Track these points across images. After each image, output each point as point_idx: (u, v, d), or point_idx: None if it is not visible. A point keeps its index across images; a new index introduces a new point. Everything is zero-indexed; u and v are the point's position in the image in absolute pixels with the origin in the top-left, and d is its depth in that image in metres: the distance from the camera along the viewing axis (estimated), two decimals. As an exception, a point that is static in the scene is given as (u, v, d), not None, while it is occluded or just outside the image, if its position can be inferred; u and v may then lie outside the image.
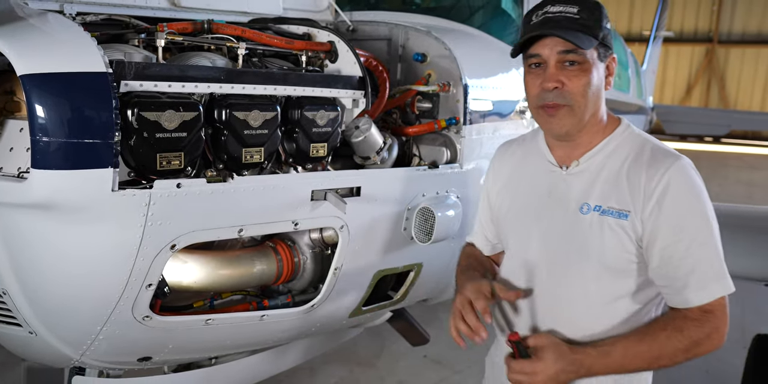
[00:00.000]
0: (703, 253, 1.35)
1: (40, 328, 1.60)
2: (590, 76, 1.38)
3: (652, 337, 1.36)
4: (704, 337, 1.35)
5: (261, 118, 1.66)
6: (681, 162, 1.38)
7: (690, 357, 1.37)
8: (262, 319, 1.92)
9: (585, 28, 1.37)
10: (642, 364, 1.36)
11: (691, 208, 1.36)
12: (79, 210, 1.39)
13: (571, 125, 1.41)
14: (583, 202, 1.43)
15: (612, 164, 1.43)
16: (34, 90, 1.28)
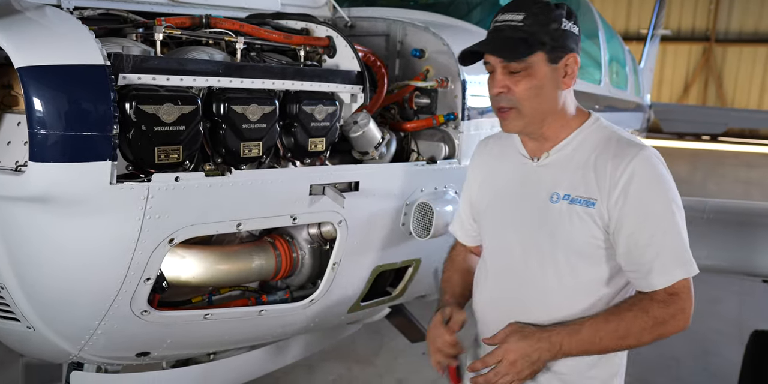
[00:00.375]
0: (667, 240, 1.43)
1: (38, 323, 1.60)
2: (534, 80, 1.46)
3: (620, 316, 1.42)
4: (669, 317, 1.41)
5: (259, 112, 1.66)
6: (645, 152, 1.45)
7: (656, 336, 1.42)
8: (261, 314, 1.92)
9: (528, 35, 1.44)
10: (610, 342, 1.42)
11: (656, 197, 1.44)
12: (77, 203, 1.38)
13: (521, 126, 1.51)
14: (553, 191, 1.51)
15: (580, 155, 1.51)
16: (32, 82, 1.27)
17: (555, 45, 1.45)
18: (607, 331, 1.41)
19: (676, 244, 1.43)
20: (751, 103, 18.80)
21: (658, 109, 9.69)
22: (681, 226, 1.44)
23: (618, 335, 1.40)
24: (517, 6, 1.47)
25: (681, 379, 4.01)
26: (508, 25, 1.45)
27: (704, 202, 3.34)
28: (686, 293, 1.43)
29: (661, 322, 1.41)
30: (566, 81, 1.50)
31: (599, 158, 1.47)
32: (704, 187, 11.05)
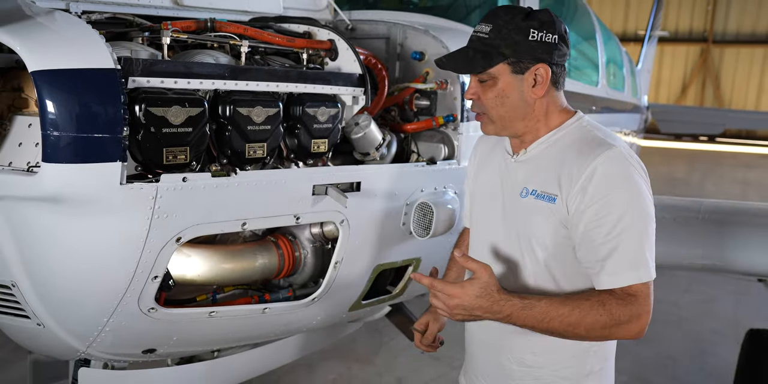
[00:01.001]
0: (621, 241, 1.41)
1: (48, 320, 1.64)
2: (498, 90, 1.53)
3: (577, 302, 1.42)
4: (625, 319, 1.40)
5: (264, 114, 1.69)
6: (611, 152, 1.45)
7: (606, 335, 1.42)
8: (265, 312, 1.96)
9: (490, 48, 1.50)
10: (559, 326, 1.41)
11: (615, 197, 1.43)
12: (88, 203, 1.42)
13: (493, 130, 1.60)
14: (523, 186, 1.58)
15: (553, 153, 1.55)
16: (45, 86, 1.31)
17: (519, 57, 1.49)
18: (560, 314, 1.40)
19: (631, 247, 1.42)
20: (749, 104, 18.88)
21: (656, 110, 9.74)
22: (640, 229, 1.43)
23: (570, 321, 1.40)
24: (488, 18, 1.52)
25: (677, 378, 4.05)
26: (477, 36, 1.52)
27: (699, 202, 3.39)
28: (643, 298, 1.42)
29: (616, 320, 1.40)
30: (535, 90, 1.52)
31: (568, 156, 1.50)
32: (702, 188, 11.10)
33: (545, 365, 1.60)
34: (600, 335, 1.42)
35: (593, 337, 1.43)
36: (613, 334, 1.42)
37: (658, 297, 1.53)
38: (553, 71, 1.53)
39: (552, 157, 1.54)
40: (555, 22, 1.51)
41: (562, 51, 1.53)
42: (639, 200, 1.44)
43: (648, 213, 1.45)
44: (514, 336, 1.59)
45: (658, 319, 4.84)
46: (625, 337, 1.44)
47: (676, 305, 5.31)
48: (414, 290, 2.54)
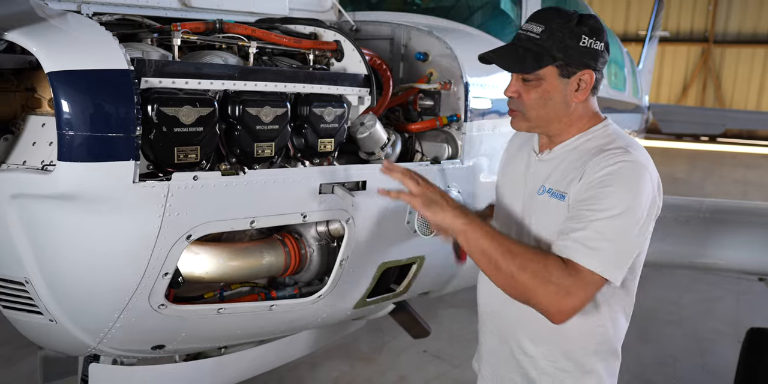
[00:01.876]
0: (595, 227, 1.42)
1: (60, 316, 1.66)
2: (543, 91, 1.55)
3: (522, 246, 1.45)
4: (555, 282, 1.39)
5: (272, 114, 1.72)
6: (628, 158, 1.47)
7: (531, 285, 1.40)
8: (272, 309, 1.99)
9: (541, 49, 1.52)
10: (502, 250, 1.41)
11: (613, 192, 1.44)
12: (102, 201, 1.45)
13: (525, 128, 1.64)
14: (542, 184, 1.62)
15: (575, 155, 1.59)
16: (61, 86, 1.34)
17: (569, 61, 1.52)
18: (509, 241, 1.44)
19: (600, 236, 1.42)
20: (750, 104, 18.88)
21: (657, 110, 9.76)
22: (619, 229, 1.43)
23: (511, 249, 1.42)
24: (540, 18, 1.54)
25: (678, 377, 4.07)
26: (528, 35, 1.53)
27: (700, 201, 3.42)
28: (582, 283, 1.41)
29: (548, 276, 1.39)
30: (578, 95, 1.56)
31: (586, 160, 1.54)
32: (702, 188, 11.11)
33: (544, 356, 1.65)
34: (524, 282, 1.40)
35: (520, 280, 1.41)
36: (536, 290, 1.40)
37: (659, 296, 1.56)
38: (596, 78, 1.56)
39: (572, 159, 1.58)
40: (602, 30, 1.55)
41: (604, 58, 1.57)
42: (635, 206, 1.45)
43: (635, 224, 1.45)
44: (517, 325, 1.66)
45: (659, 318, 4.91)
46: (545, 305, 1.41)
47: (677, 304, 5.33)
48: (417, 288, 2.57)
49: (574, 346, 1.63)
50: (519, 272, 1.40)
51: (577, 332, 1.61)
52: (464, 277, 2.71)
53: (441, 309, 4.94)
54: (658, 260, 2.99)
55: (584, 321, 1.60)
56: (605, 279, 1.43)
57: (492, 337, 1.80)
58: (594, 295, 1.46)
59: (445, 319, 4.75)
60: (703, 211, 3.27)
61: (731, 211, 3.42)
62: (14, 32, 1.41)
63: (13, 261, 1.60)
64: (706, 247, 3.15)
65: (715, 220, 3.22)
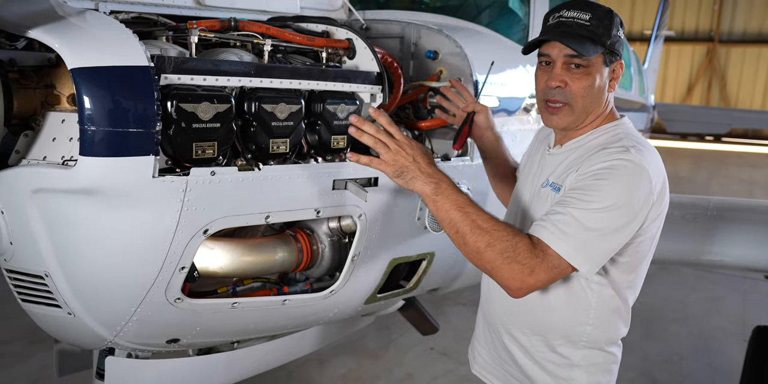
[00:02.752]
0: (573, 213, 1.43)
1: (78, 309, 1.69)
2: (592, 79, 1.54)
3: (493, 222, 1.44)
4: (520, 261, 1.40)
5: (287, 110, 1.75)
6: (625, 161, 1.46)
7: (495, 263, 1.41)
8: (285, 304, 2.01)
9: (593, 35, 1.52)
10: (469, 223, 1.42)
11: (602, 188, 1.44)
12: (122, 196, 1.47)
13: (568, 122, 1.61)
14: (546, 177, 1.66)
15: (581, 151, 1.60)
16: (84, 82, 1.36)
17: (612, 49, 1.54)
18: (479, 215, 1.43)
19: (577, 222, 1.42)
20: (755, 103, 18.84)
21: (662, 110, 9.76)
22: (600, 222, 1.42)
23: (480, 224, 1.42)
24: (583, 6, 1.54)
25: (684, 375, 4.09)
26: (576, 22, 1.52)
27: (707, 199, 3.43)
28: (548, 265, 1.40)
29: (513, 255, 1.39)
30: (612, 84, 1.59)
31: (588, 156, 1.55)
32: (708, 188, 11.11)
33: (533, 346, 1.69)
34: (491, 259, 1.41)
35: (487, 256, 1.41)
36: (501, 267, 1.40)
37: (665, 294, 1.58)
38: None
39: (577, 155, 1.60)
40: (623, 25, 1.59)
41: None
42: (623, 205, 1.43)
43: (619, 221, 1.43)
44: (508, 315, 1.71)
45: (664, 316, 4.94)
46: (506, 281, 1.43)
47: (683, 303, 5.34)
48: (427, 284, 2.59)
49: (562, 340, 1.66)
50: (486, 249, 1.41)
51: (565, 328, 1.65)
52: (472, 274, 2.73)
53: (448, 307, 4.97)
54: (666, 258, 3.01)
55: (572, 318, 1.63)
56: (573, 267, 1.43)
57: (486, 322, 1.86)
58: (557, 279, 1.46)
59: (453, 317, 4.77)
60: (711, 208, 3.28)
61: (738, 208, 3.43)
62: (36, 30, 1.43)
63: (32, 255, 1.63)
64: (713, 245, 3.16)
65: (723, 217, 3.23)
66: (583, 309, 1.62)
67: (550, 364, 1.68)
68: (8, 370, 3.83)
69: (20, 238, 1.62)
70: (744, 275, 5.95)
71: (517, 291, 1.44)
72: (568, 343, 1.65)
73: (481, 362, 1.91)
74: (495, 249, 1.40)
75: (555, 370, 1.67)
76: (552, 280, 1.44)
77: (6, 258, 1.69)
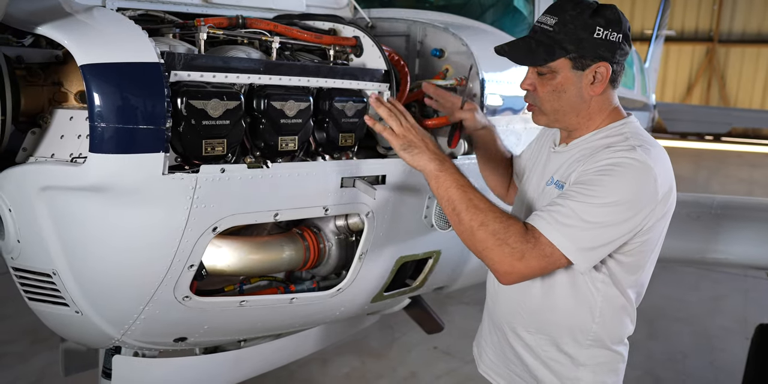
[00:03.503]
0: (571, 204, 1.42)
1: (86, 308, 1.68)
2: (556, 84, 1.55)
3: (490, 204, 1.47)
4: (511, 245, 1.41)
5: (296, 108, 1.74)
6: (630, 159, 1.45)
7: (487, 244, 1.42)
8: (292, 302, 2.01)
9: (553, 42, 1.51)
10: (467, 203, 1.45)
11: (605, 184, 1.43)
12: (132, 193, 1.47)
13: (544, 122, 1.65)
14: (551, 175, 1.66)
15: (587, 150, 1.58)
16: (94, 79, 1.35)
17: (582, 53, 1.50)
18: (476, 196, 1.46)
19: (572, 213, 1.41)
20: (754, 103, 18.86)
21: (663, 109, 9.77)
22: (597, 218, 1.41)
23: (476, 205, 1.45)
24: (554, 10, 1.53)
25: (687, 373, 4.09)
26: (541, 28, 1.54)
27: (712, 197, 3.43)
28: (539, 252, 1.41)
29: (505, 238, 1.40)
30: (594, 88, 1.55)
31: (593, 154, 1.54)
32: (708, 187, 11.12)
33: (541, 346, 1.68)
34: (482, 239, 1.43)
35: (479, 236, 1.43)
36: (492, 248, 1.42)
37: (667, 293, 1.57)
38: (614, 70, 1.54)
39: (582, 154, 1.59)
40: (621, 21, 1.52)
41: (624, 50, 1.55)
42: (625, 202, 1.42)
43: (620, 218, 1.42)
44: (513, 314, 1.71)
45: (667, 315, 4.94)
46: (496, 264, 1.43)
47: (685, 302, 5.34)
48: (433, 282, 2.59)
49: (567, 338, 1.65)
50: (479, 228, 1.43)
51: (570, 327, 1.64)
52: (477, 273, 2.72)
53: (451, 306, 4.97)
54: (671, 256, 2.99)
55: (578, 317, 1.62)
56: (566, 258, 1.42)
57: (492, 321, 1.85)
58: (549, 269, 1.45)
59: (456, 316, 4.77)
60: (715, 207, 3.28)
61: (742, 207, 3.43)
62: (45, 26, 1.43)
63: (40, 253, 1.62)
64: (717, 243, 3.16)
65: (727, 216, 3.23)
66: (588, 308, 1.61)
67: (556, 364, 1.67)
68: (10, 369, 3.82)
69: (28, 236, 1.61)
70: (746, 274, 5.96)
71: (506, 276, 1.44)
72: (574, 342, 1.64)
73: (487, 362, 1.91)
74: (487, 229, 1.42)
75: (561, 369, 1.66)
76: (543, 269, 1.44)
77: (13, 256, 1.68)
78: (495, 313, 1.83)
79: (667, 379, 3.98)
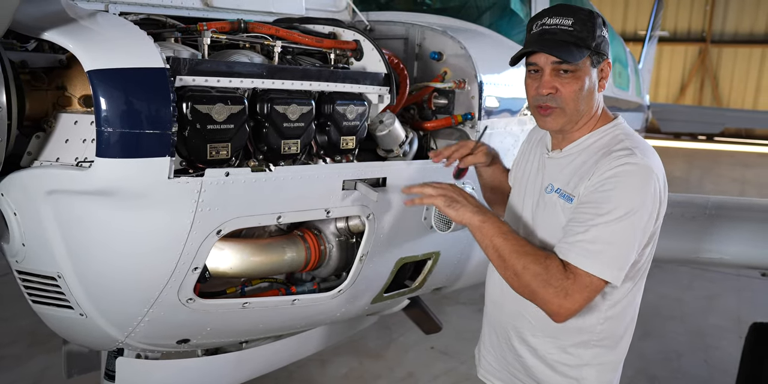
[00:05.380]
0: (596, 230, 1.46)
1: (90, 310, 1.69)
2: (582, 82, 1.57)
3: (533, 245, 1.50)
4: (554, 285, 1.44)
5: (298, 111, 1.76)
6: (634, 160, 1.48)
7: (532, 287, 1.45)
8: (294, 304, 2.02)
9: (578, 40, 1.54)
10: (509, 250, 1.48)
11: (617, 194, 1.47)
12: (138, 197, 1.48)
13: (561, 124, 1.62)
14: (550, 183, 1.66)
15: (585, 155, 1.61)
16: (101, 84, 1.37)
17: (598, 50, 1.56)
18: (517, 241, 1.49)
19: (600, 239, 1.45)
20: (746, 103, 18.96)
21: (657, 110, 9.83)
22: (620, 232, 1.45)
23: (517, 250, 1.47)
24: (564, 11, 1.56)
25: (682, 371, 4.12)
26: (560, 28, 1.54)
27: (706, 198, 3.46)
28: (580, 286, 1.44)
29: (547, 278, 1.44)
30: (602, 84, 1.61)
31: (593, 160, 1.56)
32: (701, 186, 11.18)
33: (543, 347, 1.69)
34: (527, 282, 1.46)
35: (523, 280, 1.47)
36: (538, 290, 1.45)
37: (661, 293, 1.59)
38: None
39: (581, 160, 1.61)
40: (606, 23, 1.61)
41: None
42: (637, 209, 1.46)
43: (637, 226, 1.47)
44: (519, 319, 1.71)
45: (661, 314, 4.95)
46: (545, 305, 1.47)
47: (679, 301, 5.38)
48: (432, 283, 2.61)
49: (573, 340, 1.66)
50: (523, 272, 1.46)
51: (576, 329, 1.65)
52: (474, 273, 2.75)
53: (448, 306, 4.99)
54: (666, 256, 3.03)
55: (584, 320, 1.63)
56: (605, 281, 1.47)
57: (493, 327, 1.86)
58: (593, 296, 1.50)
59: (453, 316, 4.79)
60: (709, 207, 3.32)
61: (737, 207, 3.46)
62: (51, 32, 1.44)
63: (45, 256, 1.63)
64: (712, 243, 3.19)
65: (721, 216, 3.27)
66: (595, 309, 1.63)
67: (562, 365, 1.68)
68: (8, 372, 3.81)
69: (33, 239, 1.62)
70: (739, 273, 6.01)
71: (557, 316, 1.47)
72: (580, 343, 1.66)
73: (487, 366, 1.91)
74: (529, 272, 1.46)
75: (566, 370, 1.68)
76: (588, 299, 1.48)
77: (18, 259, 1.69)
78: (499, 319, 1.83)
79: (662, 378, 4.01)
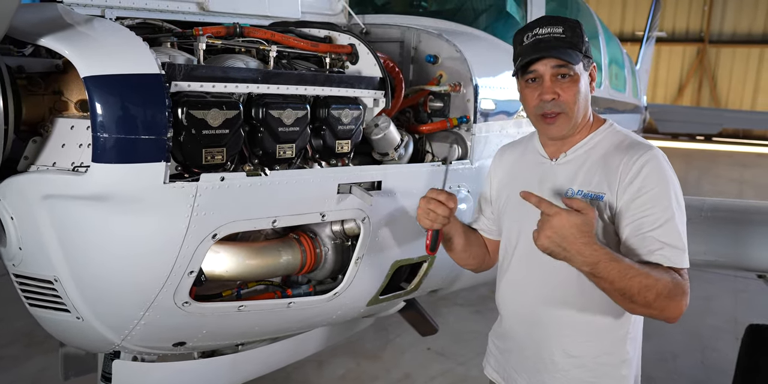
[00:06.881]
0: (670, 228, 1.50)
1: (87, 314, 1.70)
2: (579, 85, 1.62)
3: (650, 267, 1.45)
4: (679, 294, 1.45)
5: (293, 116, 1.77)
6: (654, 151, 1.58)
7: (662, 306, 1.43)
8: (290, 306, 2.03)
9: (572, 45, 1.61)
10: (637, 285, 1.41)
11: (660, 190, 1.53)
12: (133, 201, 1.49)
13: (567, 129, 1.65)
14: (568, 187, 1.65)
15: (594, 155, 1.65)
16: (97, 90, 1.38)
17: (587, 54, 1.64)
18: (639, 273, 1.41)
19: (677, 235, 1.51)
20: (744, 103, 18.98)
21: (654, 110, 9.84)
22: (681, 223, 1.53)
23: (645, 283, 1.41)
24: (552, 21, 1.63)
25: (679, 373, 4.13)
26: (553, 36, 1.60)
27: (703, 200, 3.47)
28: (686, 281, 1.50)
29: (674, 291, 1.44)
30: (592, 86, 1.68)
31: (610, 156, 1.61)
32: (699, 187, 11.21)
33: (589, 353, 1.67)
34: (659, 305, 1.44)
35: (654, 305, 1.43)
36: (667, 306, 1.45)
37: None
38: None
39: (595, 159, 1.63)
40: None
41: None
42: (678, 197, 1.56)
43: (683, 208, 1.56)
44: (563, 331, 1.67)
45: (659, 314, 4.80)
46: (671, 315, 1.46)
47: (677, 302, 5.39)
48: (427, 286, 2.62)
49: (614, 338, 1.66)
50: (654, 300, 1.43)
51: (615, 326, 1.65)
52: (471, 276, 2.75)
53: (444, 307, 5.00)
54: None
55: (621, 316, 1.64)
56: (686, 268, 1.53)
57: (522, 348, 1.78)
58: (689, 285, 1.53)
59: (449, 318, 4.80)
60: (705, 210, 3.33)
61: (732, 209, 3.48)
62: (48, 38, 1.45)
63: (42, 260, 1.64)
64: (707, 245, 3.20)
65: (717, 218, 3.28)
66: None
67: (605, 367, 1.66)
68: (5, 373, 3.82)
69: (30, 243, 1.63)
70: (736, 274, 6.02)
71: (679, 316, 1.48)
72: (618, 340, 1.67)
73: None
74: (662, 297, 1.44)
75: (609, 371, 1.67)
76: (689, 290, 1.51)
77: (14, 263, 1.70)
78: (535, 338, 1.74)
79: (658, 379, 4.02)
